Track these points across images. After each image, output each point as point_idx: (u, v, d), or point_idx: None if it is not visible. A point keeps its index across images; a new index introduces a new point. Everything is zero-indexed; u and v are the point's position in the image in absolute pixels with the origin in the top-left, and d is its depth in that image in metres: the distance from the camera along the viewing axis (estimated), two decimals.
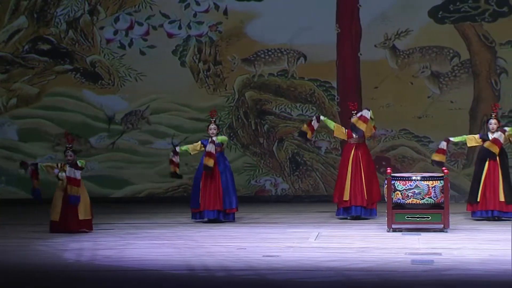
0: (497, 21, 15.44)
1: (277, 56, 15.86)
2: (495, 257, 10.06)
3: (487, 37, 15.51)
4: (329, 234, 12.00)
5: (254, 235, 11.96)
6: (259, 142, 15.96)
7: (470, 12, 15.51)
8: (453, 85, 15.58)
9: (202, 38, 15.86)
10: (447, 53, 15.54)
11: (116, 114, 15.97)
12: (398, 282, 8.98)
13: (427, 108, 15.60)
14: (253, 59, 15.88)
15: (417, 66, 15.59)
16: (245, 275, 9.35)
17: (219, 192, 13.07)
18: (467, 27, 15.53)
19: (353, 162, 13.28)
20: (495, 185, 12.95)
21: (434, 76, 15.61)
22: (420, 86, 15.64)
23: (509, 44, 15.45)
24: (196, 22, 15.87)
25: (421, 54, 15.59)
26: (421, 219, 11.93)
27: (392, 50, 15.58)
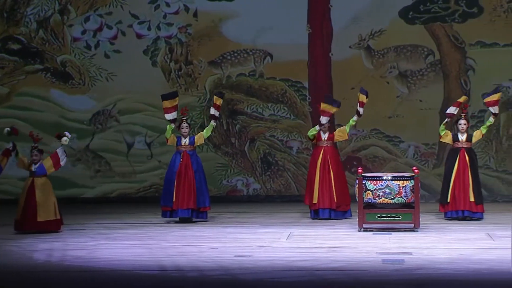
0: (466, 22, 15.55)
1: (243, 57, 15.87)
2: (464, 256, 10.13)
3: (457, 37, 15.62)
4: (301, 234, 12.03)
5: (226, 235, 11.96)
6: (230, 142, 15.96)
7: (440, 12, 15.61)
8: (421, 84, 15.67)
9: (171, 40, 15.84)
10: (422, 51, 15.63)
11: (86, 114, 15.92)
12: (369, 282, 9.01)
13: (396, 108, 15.68)
14: (219, 62, 15.88)
15: (393, 65, 15.65)
16: (217, 275, 9.35)
17: (193, 190, 13.08)
18: (437, 27, 15.63)
19: (321, 164, 13.33)
20: (465, 186, 13.05)
21: (402, 76, 15.69)
22: (390, 86, 15.72)
23: (479, 45, 15.56)
24: (166, 24, 15.84)
25: (395, 53, 15.66)
26: (392, 219, 11.98)
27: (366, 50, 15.64)
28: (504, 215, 13.70)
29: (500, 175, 15.57)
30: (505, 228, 12.35)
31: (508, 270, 9.30)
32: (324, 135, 13.48)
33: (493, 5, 15.47)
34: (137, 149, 15.96)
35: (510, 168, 15.58)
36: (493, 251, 10.46)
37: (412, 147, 15.71)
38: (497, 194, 15.56)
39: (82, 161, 15.95)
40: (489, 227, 12.37)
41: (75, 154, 15.84)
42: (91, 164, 15.96)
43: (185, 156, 13.18)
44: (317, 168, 13.33)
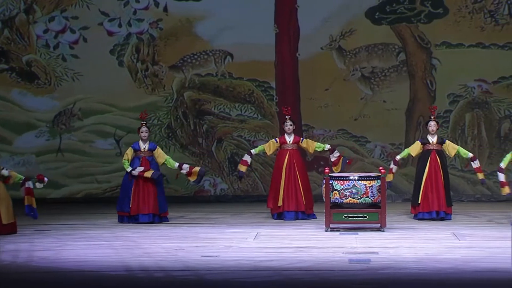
0: (432, 22, 15.64)
1: (203, 59, 15.85)
2: (430, 255, 10.20)
3: (423, 38, 15.71)
4: (268, 234, 12.04)
5: (193, 235, 11.95)
6: (198, 142, 15.94)
7: (406, 13, 15.70)
8: (384, 85, 15.74)
9: (142, 36, 15.79)
10: (393, 49, 15.69)
11: (50, 114, 15.83)
12: (335, 281, 9.04)
13: (361, 109, 15.74)
14: (180, 65, 15.85)
15: (365, 64, 15.72)
16: (184, 276, 9.33)
17: (153, 196, 13.03)
18: (403, 28, 15.71)
19: (287, 168, 13.34)
20: (438, 187, 13.10)
21: (365, 77, 15.76)
22: (355, 88, 15.78)
23: (444, 45, 15.67)
24: (136, 20, 15.80)
25: (367, 52, 15.72)
26: (359, 219, 12.03)
27: (338, 51, 15.69)
28: (469, 215, 13.82)
29: (465, 175, 15.68)
30: (470, 227, 12.46)
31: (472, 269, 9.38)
32: (289, 138, 13.50)
33: (458, 6, 15.58)
34: (104, 150, 15.89)
35: None
36: (458, 251, 10.54)
37: (378, 147, 15.79)
38: (462, 193, 15.68)
39: (48, 162, 15.85)
40: (454, 226, 12.47)
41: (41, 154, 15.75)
42: (57, 164, 15.86)
43: (144, 162, 13.12)
44: (282, 171, 13.34)
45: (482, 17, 15.56)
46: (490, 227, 12.50)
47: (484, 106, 15.63)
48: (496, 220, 13.08)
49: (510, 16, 15.54)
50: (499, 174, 13.00)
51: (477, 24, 15.56)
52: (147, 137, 13.27)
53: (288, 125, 13.49)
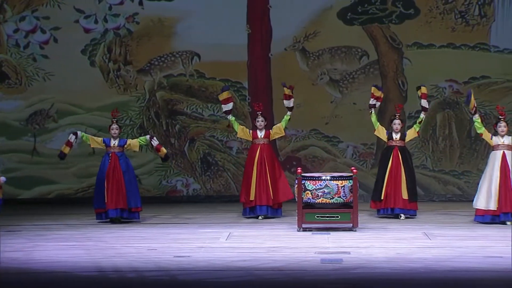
0: (403, 23, 15.72)
1: (171, 60, 15.83)
2: (401, 255, 10.24)
3: (394, 38, 15.78)
4: (240, 234, 12.04)
5: (165, 236, 11.92)
6: (170, 142, 15.91)
7: (378, 14, 15.76)
8: (353, 87, 15.80)
9: (120, 31, 15.75)
10: (356, 52, 15.76)
11: (22, 114, 15.74)
12: (308, 281, 9.06)
13: (333, 111, 15.79)
14: (148, 69, 15.82)
15: (328, 66, 15.77)
16: (156, 276, 9.32)
17: (122, 191, 13.05)
18: (375, 28, 15.78)
19: (258, 162, 13.39)
20: (397, 183, 13.21)
21: (333, 81, 15.80)
22: (325, 91, 15.83)
23: (416, 46, 15.75)
24: (112, 15, 15.75)
25: (330, 54, 15.77)
26: (331, 219, 12.06)
27: (302, 52, 15.72)
28: (440, 214, 13.90)
29: (436, 175, 15.78)
30: (441, 227, 12.53)
31: (443, 269, 9.44)
32: (260, 133, 13.54)
33: (429, 7, 15.66)
34: (74, 149, 15.80)
35: (446, 168, 15.80)
36: (429, 250, 10.59)
37: (350, 147, 15.84)
38: (433, 193, 15.77)
39: (19, 162, 15.76)
40: (425, 226, 12.53)
41: (13, 153, 15.67)
42: (28, 165, 15.78)
43: (113, 157, 13.16)
44: (254, 165, 13.39)
45: (453, 17, 15.66)
46: (461, 226, 12.58)
47: (455, 107, 15.73)
48: (467, 220, 13.16)
49: (480, 17, 15.65)
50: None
51: (448, 25, 15.65)
52: (118, 134, 13.30)
53: (259, 120, 13.53)
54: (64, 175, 15.79)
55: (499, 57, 15.58)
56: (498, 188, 12.52)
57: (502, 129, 12.73)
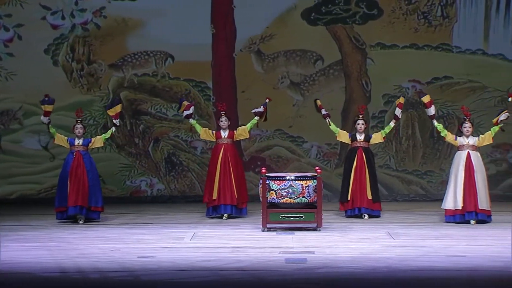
0: (367, 23, 15.79)
1: (144, 59, 15.79)
2: (365, 254, 10.29)
3: (358, 39, 15.85)
4: (205, 234, 12.03)
5: (129, 236, 11.88)
6: (134, 142, 15.86)
7: (342, 14, 15.82)
8: (314, 89, 15.85)
9: (87, 26, 15.66)
10: (311, 56, 15.79)
11: None
12: (272, 281, 9.07)
13: (295, 114, 15.82)
14: (120, 64, 15.77)
15: (283, 69, 15.80)
16: (119, 277, 9.28)
17: (84, 189, 13.00)
18: (339, 29, 15.84)
19: (222, 162, 13.39)
20: (362, 184, 13.29)
21: (294, 84, 15.85)
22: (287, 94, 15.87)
23: (379, 46, 15.83)
24: (79, 10, 15.67)
25: (285, 58, 15.80)
26: (295, 218, 12.08)
27: (257, 54, 15.74)
28: (403, 214, 13.98)
29: (399, 175, 15.87)
30: (405, 226, 12.60)
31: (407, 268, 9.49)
32: (224, 133, 13.55)
33: (392, 7, 15.76)
34: (37, 150, 15.71)
35: (410, 168, 15.90)
36: (393, 250, 10.65)
37: (315, 147, 15.89)
38: (397, 193, 15.86)
39: None
40: (389, 226, 12.60)
41: None
42: None
43: (77, 156, 13.12)
44: (217, 165, 13.39)
45: (416, 18, 15.77)
46: (424, 226, 12.66)
47: (418, 107, 15.83)
48: (430, 219, 13.26)
49: (443, 18, 15.77)
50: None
51: (411, 26, 15.75)
52: (82, 134, 13.26)
53: (223, 120, 13.54)
54: (26, 176, 15.66)
55: (461, 57, 15.71)
56: (463, 188, 12.62)
57: (467, 130, 12.83)
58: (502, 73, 15.71)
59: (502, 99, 15.75)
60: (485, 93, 15.76)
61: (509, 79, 15.74)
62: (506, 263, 9.66)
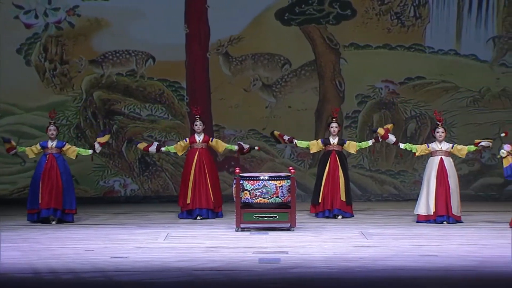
0: (340, 24, 15.83)
1: (125, 58, 15.75)
2: (338, 254, 10.31)
3: (332, 39, 15.89)
4: (178, 234, 12.01)
5: (102, 237, 11.84)
6: (107, 142, 15.78)
7: (315, 14, 15.86)
8: (287, 90, 15.87)
9: (61, 24, 15.59)
10: (278, 60, 15.81)
11: None
12: (245, 281, 9.07)
13: (269, 116, 15.84)
14: (100, 61, 15.73)
15: (251, 72, 15.80)
16: (93, 277, 9.25)
17: (58, 191, 12.95)
18: (312, 29, 15.87)
19: (196, 166, 13.38)
20: (335, 186, 13.31)
21: (266, 86, 15.87)
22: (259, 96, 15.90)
23: (352, 46, 15.88)
24: (52, 9, 15.59)
25: (253, 61, 15.81)
26: (269, 218, 12.10)
27: (225, 56, 15.75)
28: (377, 214, 14.03)
29: (373, 175, 15.93)
30: (378, 226, 12.65)
31: (380, 268, 9.53)
32: (198, 137, 13.54)
33: (366, 8, 15.81)
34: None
35: (383, 168, 15.96)
36: (366, 249, 10.68)
37: (288, 147, 15.91)
38: (370, 193, 15.92)
39: None
40: (362, 225, 12.64)
41: None
42: None
43: (50, 158, 13.06)
44: (192, 169, 13.37)
45: (389, 19, 15.83)
46: (397, 226, 12.71)
47: (391, 107, 15.90)
48: (403, 219, 13.31)
49: (415, 18, 15.84)
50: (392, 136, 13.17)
51: (384, 26, 15.81)
52: (55, 135, 13.21)
53: (198, 124, 13.53)
54: (0, 176, 15.58)
55: (434, 58, 15.79)
56: (435, 194, 12.68)
57: (440, 135, 12.90)
58: (474, 73, 15.81)
59: (474, 99, 15.87)
60: (457, 93, 15.85)
61: (481, 79, 15.85)
62: (478, 262, 9.74)
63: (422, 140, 15.70)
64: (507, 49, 15.80)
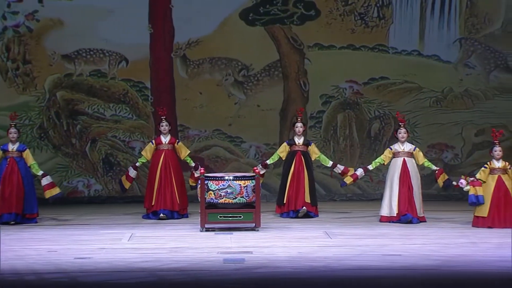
0: (304, 24, 15.88)
1: (99, 57, 15.67)
2: (303, 254, 10.34)
3: (296, 39, 15.93)
4: (143, 235, 11.97)
5: (66, 237, 11.77)
6: (71, 142, 15.72)
7: (279, 15, 15.89)
8: (258, 89, 15.90)
9: (19, 28, 15.47)
10: (236, 65, 15.82)
11: None
12: (210, 281, 9.07)
13: (236, 112, 15.86)
14: (74, 57, 15.63)
15: (207, 76, 15.80)
16: (56, 278, 9.19)
17: (19, 195, 12.83)
18: (277, 29, 15.90)
19: (162, 168, 13.34)
20: (300, 187, 13.36)
21: (238, 82, 15.88)
22: (229, 92, 15.89)
23: (317, 47, 15.93)
24: (11, 13, 15.47)
25: (210, 65, 15.81)
26: (234, 218, 12.10)
27: (182, 59, 15.74)
28: (341, 214, 14.09)
29: (337, 175, 15.96)
30: (342, 226, 12.70)
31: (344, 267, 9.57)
32: (164, 139, 13.51)
33: (330, 8, 15.87)
34: None
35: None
36: (330, 249, 10.72)
37: (253, 147, 15.92)
38: (334, 193, 15.97)
39: None
40: (327, 225, 12.68)
41: None
42: None
43: (11, 162, 12.93)
44: (157, 171, 13.33)
45: (353, 19, 15.90)
46: (361, 225, 12.77)
47: (355, 107, 15.97)
48: (367, 219, 13.38)
49: (379, 19, 15.93)
50: (359, 169, 13.29)
51: (348, 26, 15.88)
52: (16, 138, 13.08)
53: (164, 125, 13.49)
54: None
55: (397, 58, 15.89)
56: (398, 195, 12.76)
57: (402, 136, 12.97)
58: (437, 73, 15.94)
59: (437, 99, 15.99)
60: (420, 93, 15.97)
61: (444, 80, 15.98)
62: (440, 261, 9.81)
63: (386, 140, 15.79)
64: (473, 51, 15.94)
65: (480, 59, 15.93)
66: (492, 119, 15.85)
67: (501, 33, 15.92)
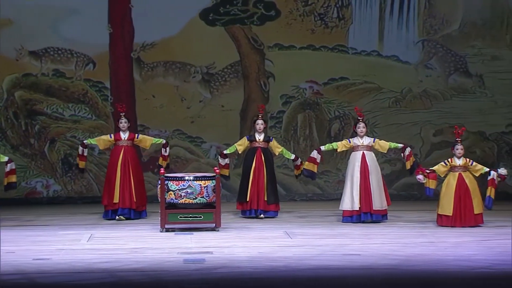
0: (265, 24, 15.91)
1: (66, 57, 15.56)
2: (263, 254, 10.35)
3: (256, 39, 15.95)
4: (102, 235, 11.92)
5: (24, 238, 11.68)
6: (30, 143, 15.60)
7: (240, 15, 15.90)
8: (224, 90, 15.90)
9: None
10: (189, 69, 15.81)
11: None
12: (170, 282, 9.05)
13: (199, 111, 15.83)
14: (41, 54, 15.50)
15: (161, 79, 15.77)
16: (14, 279, 9.12)
17: None
18: (237, 29, 15.91)
19: (122, 164, 13.27)
20: (260, 185, 13.38)
21: (205, 81, 15.87)
22: (194, 89, 15.86)
23: (277, 47, 15.96)
24: None
25: (164, 68, 15.78)
26: (194, 219, 12.08)
27: (136, 61, 15.69)
28: (301, 214, 14.13)
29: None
30: (302, 226, 12.74)
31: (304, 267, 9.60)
32: (124, 135, 13.44)
33: (290, 9, 15.91)
34: None
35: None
36: (290, 249, 10.75)
37: (214, 147, 15.91)
38: (294, 193, 16.02)
39: None
40: (287, 225, 12.71)
41: None
42: None
43: None
44: (117, 167, 13.26)
45: (313, 20, 15.96)
46: (321, 225, 12.82)
47: (315, 107, 16.03)
48: (327, 218, 13.43)
49: (338, 19, 16.00)
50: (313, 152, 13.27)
51: (307, 27, 15.94)
52: None
53: (122, 122, 13.42)
54: None
55: (357, 58, 15.97)
56: (359, 188, 12.81)
57: (361, 130, 13.04)
58: (396, 74, 16.04)
59: (396, 99, 16.10)
60: (380, 93, 16.06)
61: (403, 80, 16.09)
62: (399, 260, 9.88)
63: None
64: (434, 54, 16.07)
65: (441, 61, 16.07)
66: (450, 119, 15.99)
67: (458, 34, 16.07)
